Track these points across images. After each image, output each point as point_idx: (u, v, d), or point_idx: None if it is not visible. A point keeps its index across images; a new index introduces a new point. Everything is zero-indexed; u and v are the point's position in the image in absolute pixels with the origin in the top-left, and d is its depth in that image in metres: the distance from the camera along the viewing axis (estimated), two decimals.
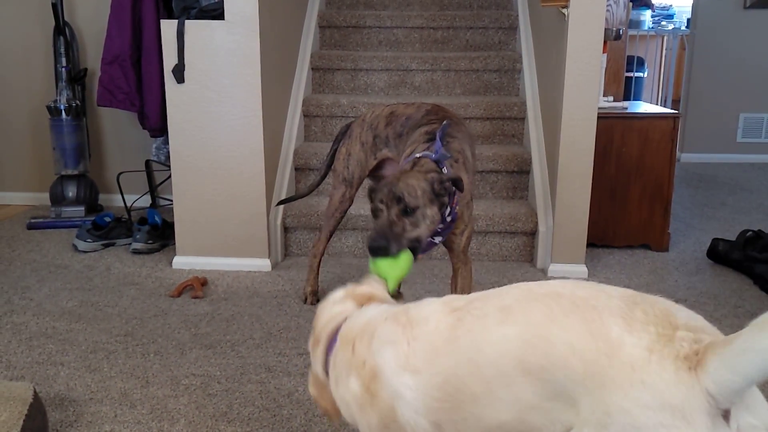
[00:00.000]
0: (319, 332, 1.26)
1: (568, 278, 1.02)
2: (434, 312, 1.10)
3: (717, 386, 0.84)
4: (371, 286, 1.34)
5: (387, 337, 1.11)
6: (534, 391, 0.96)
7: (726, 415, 0.85)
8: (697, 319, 0.93)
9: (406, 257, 1.66)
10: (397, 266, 1.64)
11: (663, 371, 0.87)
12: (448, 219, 1.84)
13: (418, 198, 1.71)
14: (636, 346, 0.89)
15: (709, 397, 0.84)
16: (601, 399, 0.89)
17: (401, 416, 1.08)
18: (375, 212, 1.73)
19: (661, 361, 0.88)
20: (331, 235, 2.52)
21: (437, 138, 1.89)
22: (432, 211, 1.75)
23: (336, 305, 1.29)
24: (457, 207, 1.89)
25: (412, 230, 1.71)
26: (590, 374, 0.90)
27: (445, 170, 1.85)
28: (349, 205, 2.45)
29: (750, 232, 2.94)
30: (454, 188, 1.79)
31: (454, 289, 2.09)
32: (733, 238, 2.97)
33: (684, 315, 0.93)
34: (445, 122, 1.98)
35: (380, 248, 1.64)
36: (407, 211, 1.70)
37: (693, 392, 0.85)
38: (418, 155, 1.90)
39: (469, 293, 1.96)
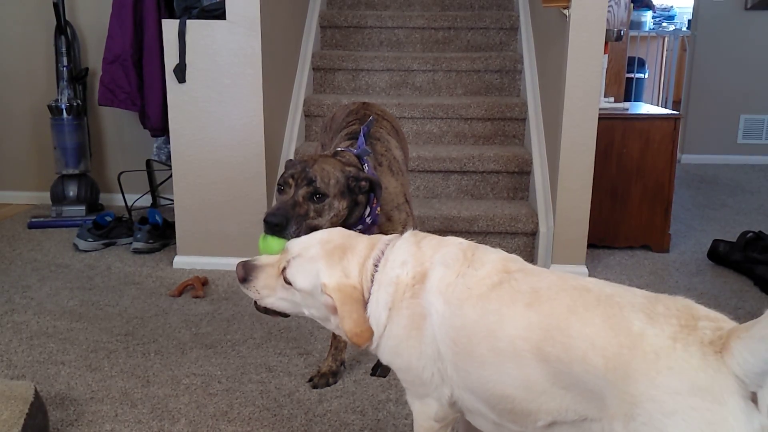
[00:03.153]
0: (371, 242, 1.26)
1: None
2: (491, 263, 1.15)
3: (742, 369, 0.84)
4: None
5: (449, 258, 1.16)
6: (547, 377, 0.98)
7: (753, 397, 0.86)
8: (717, 313, 0.95)
9: None
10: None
11: (689, 356, 0.87)
12: (368, 221, 1.70)
13: (330, 186, 1.58)
14: (659, 336, 0.90)
15: (737, 379, 0.85)
16: (626, 390, 0.89)
17: (426, 328, 1.13)
18: (281, 187, 1.59)
19: (686, 348, 0.88)
20: None
21: (361, 134, 1.78)
22: (340, 205, 1.60)
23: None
24: (378, 208, 1.74)
25: (314, 218, 1.57)
26: (612, 368, 0.91)
27: (366, 167, 1.72)
28: None
29: (750, 234, 2.94)
30: (369, 190, 1.67)
31: None
32: (734, 240, 2.97)
33: (703, 309, 0.96)
34: (370, 118, 1.86)
35: (277, 225, 1.50)
36: (315, 197, 1.56)
37: (721, 374, 0.85)
38: (340, 149, 1.77)
39: None
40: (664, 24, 6.83)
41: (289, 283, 1.23)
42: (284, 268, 1.24)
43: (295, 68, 3.46)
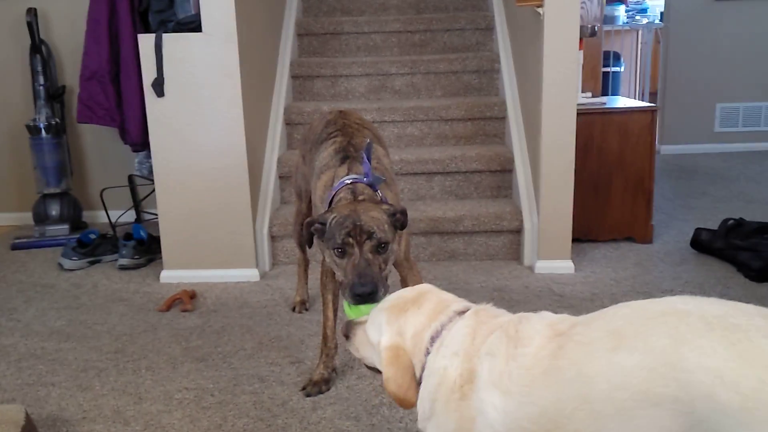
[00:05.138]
0: (442, 300, 1.16)
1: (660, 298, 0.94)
2: (538, 333, 1.01)
3: None
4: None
5: (494, 345, 1.04)
6: (663, 424, 0.85)
7: None
8: None
9: None
10: None
11: None
12: None
13: (387, 232, 1.57)
14: None
15: None
16: None
17: (479, 430, 1.01)
18: (340, 249, 1.56)
19: None
20: (301, 246, 2.50)
21: (365, 159, 1.73)
22: (395, 246, 1.60)
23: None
24: None
25: (384, 269, 1.57)
26: (751, 407, 0.78)
27: (379, 194, 1.73)
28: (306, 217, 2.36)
29: (731, 221, 2.98)
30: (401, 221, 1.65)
31: None
32: (716, 227, 3.01)
33: None
34: (368, 141, 1.83)
35: (371, 294, 1.47)
36: (380, 248, 1.56)
37: None
38: (348, 180, 1.72)
39: None
40: (637, 17, 6.91)
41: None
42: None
43: (274, 77, 3.46)
